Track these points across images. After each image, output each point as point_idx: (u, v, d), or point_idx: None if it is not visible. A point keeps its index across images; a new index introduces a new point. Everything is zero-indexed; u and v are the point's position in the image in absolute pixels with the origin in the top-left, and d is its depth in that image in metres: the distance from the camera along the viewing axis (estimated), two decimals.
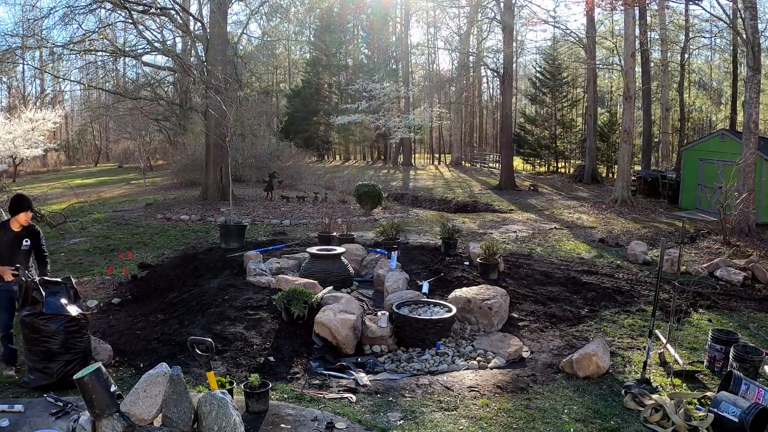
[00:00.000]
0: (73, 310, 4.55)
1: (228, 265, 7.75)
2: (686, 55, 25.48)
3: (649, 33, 24.27)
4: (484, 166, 34.12)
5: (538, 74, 33.50)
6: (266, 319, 5.64)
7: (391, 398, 4.37)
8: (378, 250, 8.39)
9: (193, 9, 22.42)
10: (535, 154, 32.63)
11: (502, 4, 23.52)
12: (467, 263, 7.95)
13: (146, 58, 19.88)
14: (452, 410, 4.18)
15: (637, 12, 20.01)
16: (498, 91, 38.84)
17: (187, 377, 4.39)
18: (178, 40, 26.22)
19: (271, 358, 5.03)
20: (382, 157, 41.34)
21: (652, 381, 4.66)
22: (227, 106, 12.76)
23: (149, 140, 28.18)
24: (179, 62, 17.05)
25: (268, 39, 31.92)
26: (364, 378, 4.75)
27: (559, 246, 10.72)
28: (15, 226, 4.83)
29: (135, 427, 3.27)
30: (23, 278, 4.51)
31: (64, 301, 4.55)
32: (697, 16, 26.21)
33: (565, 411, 4.19)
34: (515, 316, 6.34)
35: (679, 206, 16.87)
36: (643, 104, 24.37)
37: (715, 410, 3.89)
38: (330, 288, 6.44)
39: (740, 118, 19.16)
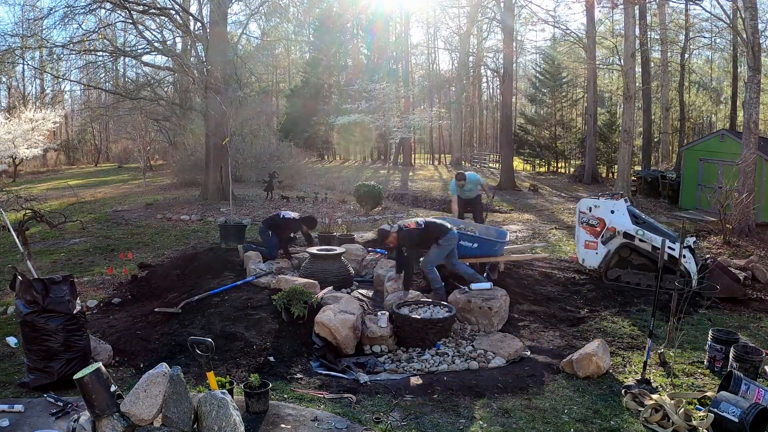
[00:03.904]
0: (73, 308, 4.55)
1: (228, 265, 7.75)
2: (686, 55, 25.49)
3: (649, 33, 24.28)
4: (484, 167, 34.10)
5: (537, 74, 33.51)
6: (266, 319, 5.63)
7: (391, 398, 4.37)
8: (378, 250, 8.39)
9: (193, 9, 22.39)
10: (535, 155, 32.63)
11: (502, 4, 23.53)
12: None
13: (146, 58, 19.92)
14: (452, 410, 4.18)
15: (637, 12, 20.01)
16: (498, 91, 38.89)
17: (187, 377, 4.39)
18: (178, 40, 26.21)
19: (271, 358, 5.03)
20: (382, 157, 41.35)
21: (652, 381, 4.66)
22: (227, 106, 12.75)
23: (149, 140, 28.16)
24: (179, 62, 17.04)
25: (268, 39, 31.92)
26: (364, 378, 4.75)
27: (559, 246, 10.72)
28: None
29: (135, 427, 3.27)
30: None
31: (63, 299, 4.55)
32: (697, 16, 26.27)
33: (565, 411, 4.19)
34: (515, 316, 6.34)
35: (679, 206, 16.87)
36: (643, 104, 24.37)
37: (715, 410, 3.89)
38: (330, 288, 6.44)
39: (740, 118, 19.16)
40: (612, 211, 7.89)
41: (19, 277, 4.52)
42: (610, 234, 7.85)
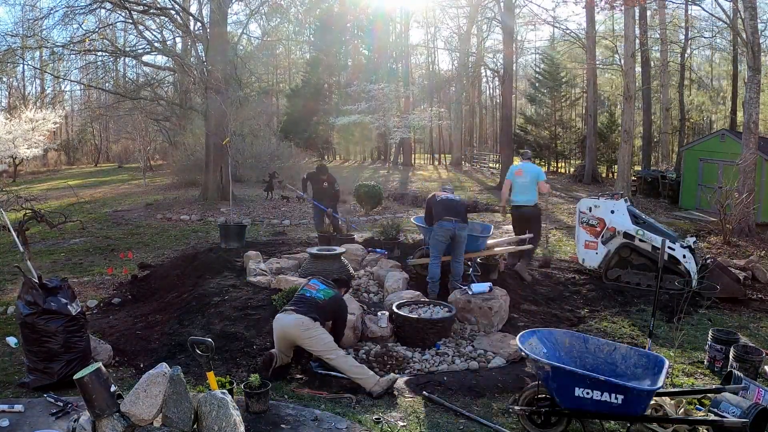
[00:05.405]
0: (73, 310, 4.55)
1: (228, 265, 7.75)
2: (686, 55, 25.48)
3: (649, 33, 24.26)
4: (484, 167, 34.10)
5: (537, 74, 33.50)
6: (266, 319, 5.63)
7: (391, 398, 4.37)
8: (378, 250, 8.38)
9: (193, 9, 22.41)
10: (534, 154, 32.61)
11: (502, 4, 23.54)
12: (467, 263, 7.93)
13: (146, 58, 19.94)
14: (452, 410, 4.18)
15: (637, 12, 20.00)
16: (498, 91, 38.91)
17: (187, 377, 4.39)
18: (178, 40, 26.22)
19: None
20: (382, 157, 41.35)
21: None
22: (227, 106, 12.77)
23: (149, 140, 28.17)
24: (179, 62, 17.06)
25: (268, 39, 31.93)
26: None
27: (559, 246, 10.72)
28: None
29: (135, 427, 3.27)
30: None
31: (63, 300, 4.55)
32: (697, 17, 26.25)
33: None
34: (515, 316, 6.34)
35: (679, 206, 16.87)
36: (643, 104, 24.37)
37: (715, 410, 3.89)
38: None
39: (740, 118, 19.15)
40: (612, 211, 7.89)
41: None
42: (610, 234, 7.85)
